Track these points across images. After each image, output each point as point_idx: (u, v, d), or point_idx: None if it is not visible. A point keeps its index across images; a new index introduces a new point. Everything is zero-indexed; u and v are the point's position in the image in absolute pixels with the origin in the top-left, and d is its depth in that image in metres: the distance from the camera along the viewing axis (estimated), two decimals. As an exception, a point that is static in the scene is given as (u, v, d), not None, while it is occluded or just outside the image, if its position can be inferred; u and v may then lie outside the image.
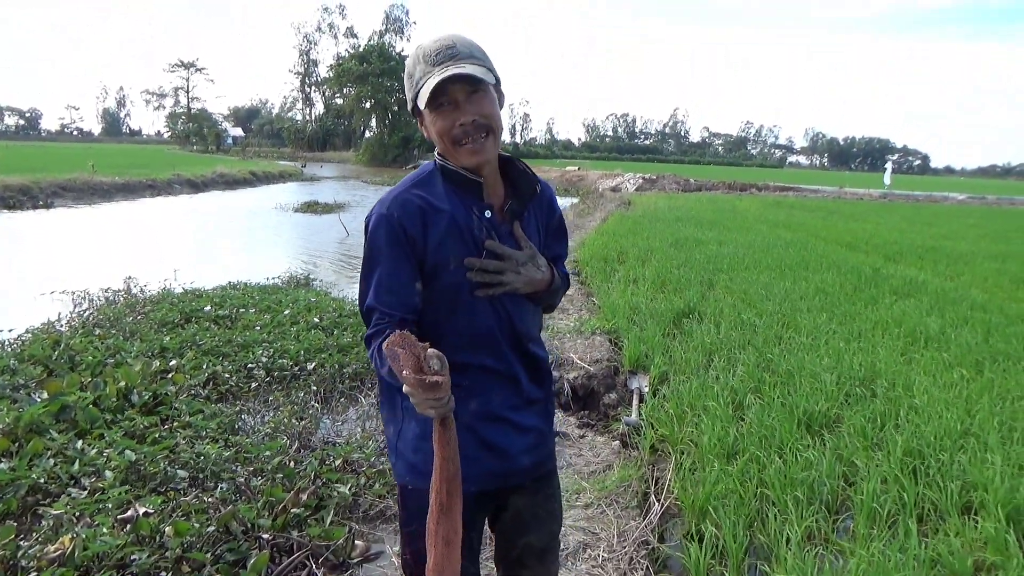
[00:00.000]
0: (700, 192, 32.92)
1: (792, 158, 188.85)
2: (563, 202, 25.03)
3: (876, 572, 2.56)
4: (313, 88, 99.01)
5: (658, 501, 3.34)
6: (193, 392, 5.12)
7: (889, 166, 47.28)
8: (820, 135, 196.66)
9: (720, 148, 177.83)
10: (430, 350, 1.46)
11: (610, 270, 9.41)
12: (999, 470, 3.35)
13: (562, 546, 2.93)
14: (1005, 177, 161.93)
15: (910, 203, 31.63)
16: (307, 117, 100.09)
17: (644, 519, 3.20)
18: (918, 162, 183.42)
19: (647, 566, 2.89)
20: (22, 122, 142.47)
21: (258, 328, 6.63)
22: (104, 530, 3.16)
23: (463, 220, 1.74)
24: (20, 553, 2.97)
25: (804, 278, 8.85)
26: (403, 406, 1.78)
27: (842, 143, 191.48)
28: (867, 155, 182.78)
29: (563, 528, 3.13)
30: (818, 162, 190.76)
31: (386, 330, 1.65)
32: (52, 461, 3.77)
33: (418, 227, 1.71)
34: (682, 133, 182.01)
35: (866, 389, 4.71)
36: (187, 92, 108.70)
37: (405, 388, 1.45)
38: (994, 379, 4.92)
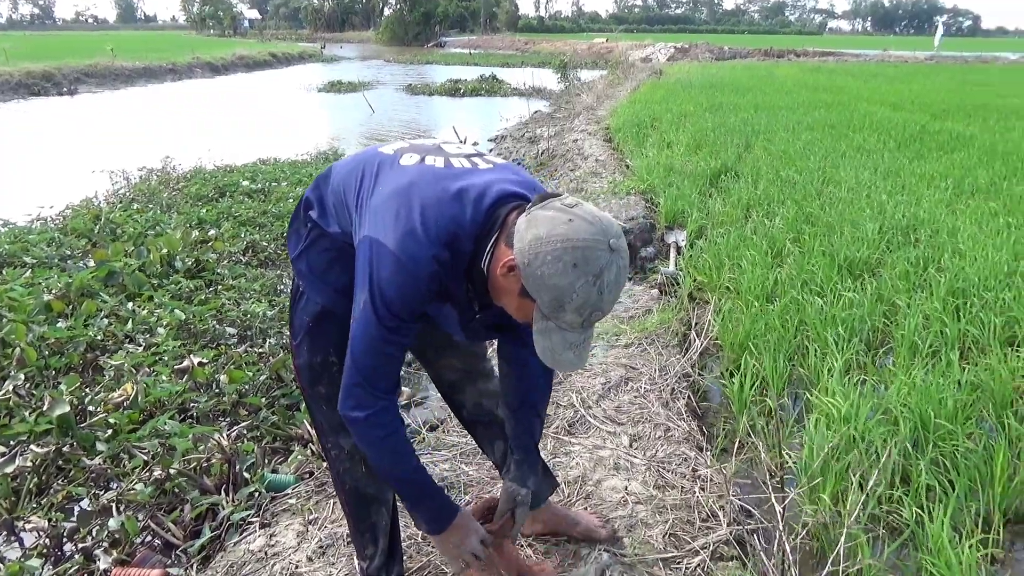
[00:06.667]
0: (735, 60, 31.51)
1: (833, 23, 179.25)
2: (592, 74, 24.19)
3: (918, 395, 2.59)
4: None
5: (698, 339, 3.39)
6: (234, 259, 5.22)
7: (940, 27, 44.42)
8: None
9: (756, 15, 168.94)
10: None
11: (643, 135, 9.17)
12: (1045, 305, 3.31)
13: (604, 380, 3.01)
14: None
15: (959, 64, 30.01)
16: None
17: (685, 356, 3.25)
18: (968, 23, 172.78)
19: (688, 396, 2.96)
20: (36, 11, 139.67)
21: (291, 200, 6.65)
22: (163, 378, 3.30)
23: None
24: (87, 399, 3.13)
25: (845, 137, 8.56)
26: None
27: (887, 5, 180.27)
28: (913, 17, 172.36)
29: (604, 365, 3.20)
30: (861, 27, 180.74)
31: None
32: (106, 321, 3.90)
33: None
34: (715, 1, 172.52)
35: (909, 237, 4.63)
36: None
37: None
38: (1044, 225, 4.79)
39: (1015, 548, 2.26)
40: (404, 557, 1.97)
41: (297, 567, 2.06)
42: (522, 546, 2.06)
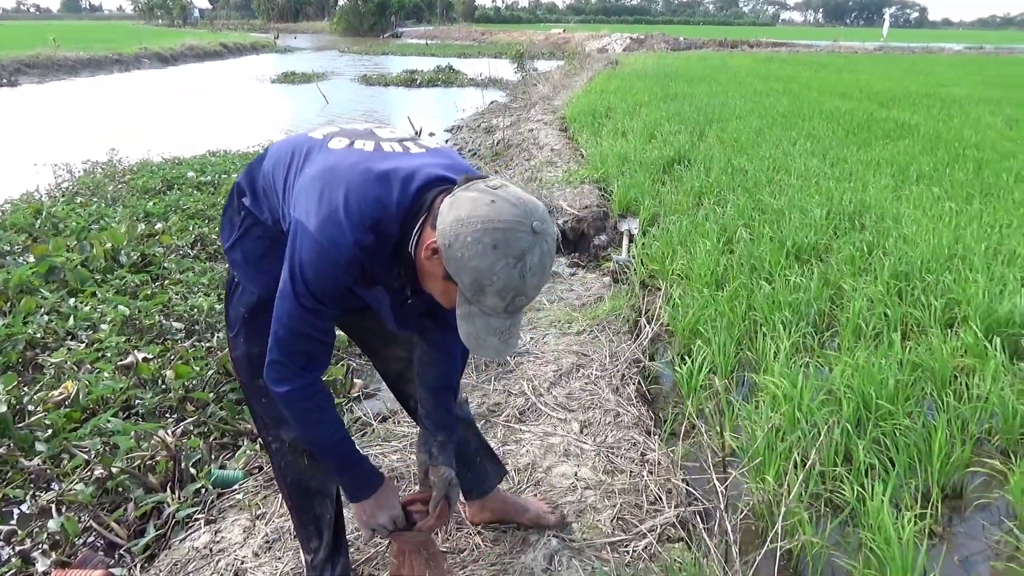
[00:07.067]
0: (690, 51, 31.93)
1: (786, 15, 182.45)
2: (549, 64, 24.19)
3: (860, 375, 2.64)
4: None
5: (649, 325, 3.41)
6: (182, 253, 5.09)
7: (887, 17, 45.52)
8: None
9: (711, 6, 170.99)
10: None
11: (598, 125, 9.21)
12: (982, 287, 3.41)
13: (555, 367, 3.01)
14: (1005, 27, 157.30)
15: (906, 55, 30.81)
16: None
17: (635, 342, 3.28)
18: (915, 15, 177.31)
19: (639, 381, 2.98)
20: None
21: (242, 192, 6.52)
22: (106, 375, 3.21)
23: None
24: (26, 399, 3.03)
25: (796, 126, 8.71)
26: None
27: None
28: (863, 9, 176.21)
29: (556, 352, 3.21)
30: (812, 18, 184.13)
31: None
32: (46, 318, 3.78)
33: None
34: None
35: (855, 223, 4.73)
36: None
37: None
38: (983, 209, 4.93)
39: (953, 523, 2.33)
40: (350, 549, 1.95)
41: (243, 563, 2.03)
42: (471, 534, 2.05)
